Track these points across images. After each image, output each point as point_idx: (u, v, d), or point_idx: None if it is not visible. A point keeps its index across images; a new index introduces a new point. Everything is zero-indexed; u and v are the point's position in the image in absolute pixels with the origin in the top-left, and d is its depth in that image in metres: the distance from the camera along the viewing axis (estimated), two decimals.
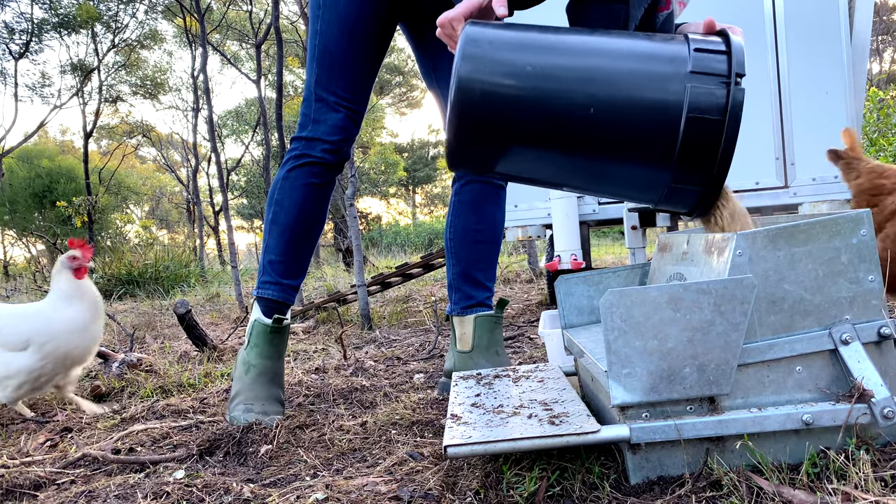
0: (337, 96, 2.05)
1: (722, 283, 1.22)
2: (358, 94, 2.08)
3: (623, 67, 1.21)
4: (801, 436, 1.25)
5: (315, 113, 2.06)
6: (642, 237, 2.20)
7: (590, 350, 1.51)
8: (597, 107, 1.20)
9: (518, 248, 11.86)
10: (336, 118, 2.05)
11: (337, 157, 2.09)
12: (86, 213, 17.95)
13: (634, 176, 1.28)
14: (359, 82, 2.07)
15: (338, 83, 2.05)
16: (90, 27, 20.14)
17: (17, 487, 1.61)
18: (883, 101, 8.25)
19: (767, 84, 3.59)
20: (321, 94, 2.06)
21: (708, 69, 1.20)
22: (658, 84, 1.19)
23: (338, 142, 2.06)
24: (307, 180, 2.07)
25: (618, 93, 1.20)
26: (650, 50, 1.23)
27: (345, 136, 2.07)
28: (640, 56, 1.22)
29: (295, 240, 2.11)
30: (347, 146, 2.12)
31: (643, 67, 1.20)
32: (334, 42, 2.02)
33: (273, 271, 2.13)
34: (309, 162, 2.06)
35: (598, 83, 1.20)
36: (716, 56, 1.23)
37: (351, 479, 1.49)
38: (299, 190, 2.07)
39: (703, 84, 1.19)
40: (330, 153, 2.06)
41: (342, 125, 2.06)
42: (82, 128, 22.78)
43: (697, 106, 1.20)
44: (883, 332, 1.27)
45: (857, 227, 1.28)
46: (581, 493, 1.27)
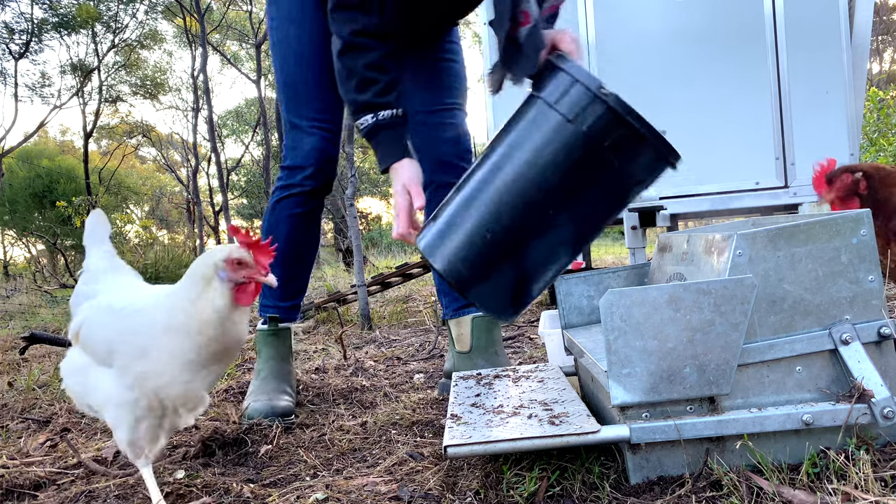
0: (309, 119, 2.14)
1: (722, 283, 1.22)
2: (329, 113, 2.16)
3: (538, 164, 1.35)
4: (801, 436, 1.25)
5: (292, 141, 2.15)
6: (642, 237, 2.20)
7: (590, 350, 1.51)
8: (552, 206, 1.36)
9: None
10: (312, 141, 2.13)
11: (319, 181, 2.16)
12: (86, 213, 17.94)
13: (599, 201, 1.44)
14: (328, 103, 2.15)
15: (308, 107, 2.14)
16: (90, 27, 20.14)
17: (17, 487, 1.61)
18: (883, 102, 8.25)
19: (767, 84, 3.59)
20: (295, 121, 2.15)
21: (576, 106, 1.32)
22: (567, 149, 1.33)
23: (317, 166, 2.13)
24: (291, 211, 2.16)
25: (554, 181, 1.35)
26: (536, 132, 1.38)
27: (324, 158, 2.15)
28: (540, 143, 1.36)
29: (288, 266, 2.20)
30: (329, 167, 2.18)
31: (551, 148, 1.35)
32: (294, 74, 2.13)
33: (271, 296, 2.25)
34: (292, 193, 2.15)
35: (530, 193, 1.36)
36: (570, 91, 1.34)
37: (351, 479, 1.49)
38: (285, 222, 2.16)
39: (588, 117, 1.30)
40: (311, 178, 2.14)
41: (319, 147, 2.13)
42: (82, 128, 22.79)
43: (599, 130, 1.30)
44: (883, 332, 1.27)
45: (858, 227, 1.28)
46: (581, 493, 1.27)
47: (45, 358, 3.67)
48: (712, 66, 3.66)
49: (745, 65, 3.62)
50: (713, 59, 3.66)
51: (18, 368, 3.38)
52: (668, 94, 3.70)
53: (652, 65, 3.74)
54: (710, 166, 3.62)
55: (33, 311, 6.98)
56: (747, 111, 3.62)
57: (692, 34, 3.69)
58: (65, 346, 3.27)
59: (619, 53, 3.77)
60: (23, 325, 5.59)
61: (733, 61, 3.63)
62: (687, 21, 3.71)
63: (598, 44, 3.77)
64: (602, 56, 3.77)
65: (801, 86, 3.56)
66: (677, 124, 3.37)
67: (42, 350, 3.79)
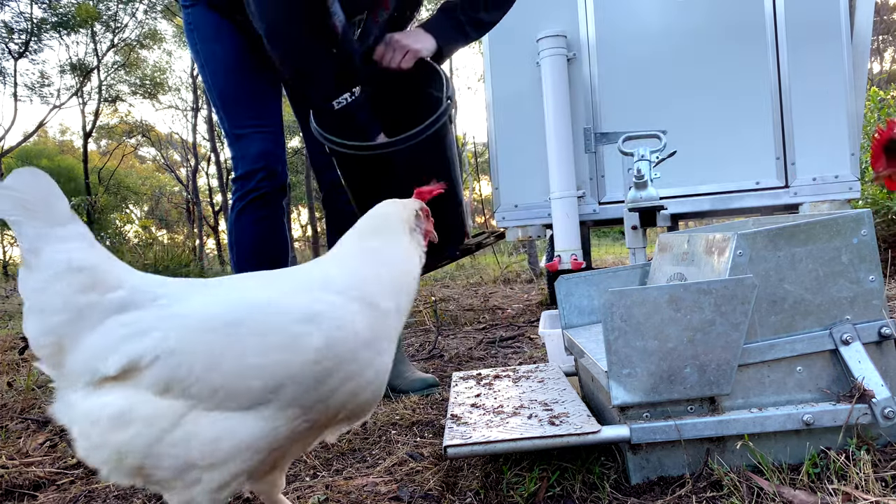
0: (249, 126, 2.23)
1: (722, 282, 1.22)
2: (266, 117, 2.26)
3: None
4: (802, 436, 1.25)
5: (239, 150, 2.23)
6: (643, 237, 2.20)
7: (590, 350, 1.50)
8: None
9: (518, 248, 11.86)
10: (257, 145, 2.21)
11: (273, 182, 2.22)
12: (85, 213, 17.95)
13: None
14: (263, 106, 2.26)
15: (245, 115, 2.24)
16: (89, 27, 20.14)
17: (17, 488, 1.61)
18: (884, 101, 8.25)
19: (768, 84, 3.59)
20: (236, 131, 2.24)
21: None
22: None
23: (267, 166, 2.19)
24: (254, 216, 2.21)
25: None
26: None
27: (273, 158, 2.22)
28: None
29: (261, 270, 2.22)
30: (280, 167, 2.24)
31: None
32: (228, 85, 2.25)
33: None
34: (250, 200, 2.19)
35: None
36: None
37: (351, 480, 1.48)
38: (250, 229, 2.21)
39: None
40: (265, 179, 2.20)
41: (265, 149, 2.21)
42: (82, 127, 22.80)
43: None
44: (883, 332, 1.27)
45: (858, 226, 1.28)
46: (581, 493, 1.27)
47: None
48: (712, 65, 3.66)
49: (745, 65, 3.62)
50: (713, 58, 3.66)
51: (18, 368, 3.38)
52: (669, 93, 3.70)
53: (652, 64, 3.73)
54: (711, 166, 3.62)
55: None
56: (748, 111, 3.62)
57: (692, 34, 3.69)
58: None
59: (619, 53, 3.77)
60: (22, 325, 5.59)
61: (734, 61, 3.63)
62: (687, 21, 3.70)
63: (598, 43, 3.77)
64: (602, 55, 3.77)
65: (801, 85, 3.56)
66: (677, 124, 3.37)
67: None
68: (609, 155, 3.75)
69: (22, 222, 0.94)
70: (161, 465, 0.94)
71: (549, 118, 3.63)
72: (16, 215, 0.94)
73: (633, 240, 2.21)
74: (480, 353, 3.11)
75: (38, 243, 0.95)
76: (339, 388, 0.98)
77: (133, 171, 33.44)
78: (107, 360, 0.94)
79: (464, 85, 40.02)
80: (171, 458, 0.93)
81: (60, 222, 0.97)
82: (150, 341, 0.94)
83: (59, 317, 0.96)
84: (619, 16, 3.77)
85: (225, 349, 0.94)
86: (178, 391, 0.93)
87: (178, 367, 0.93)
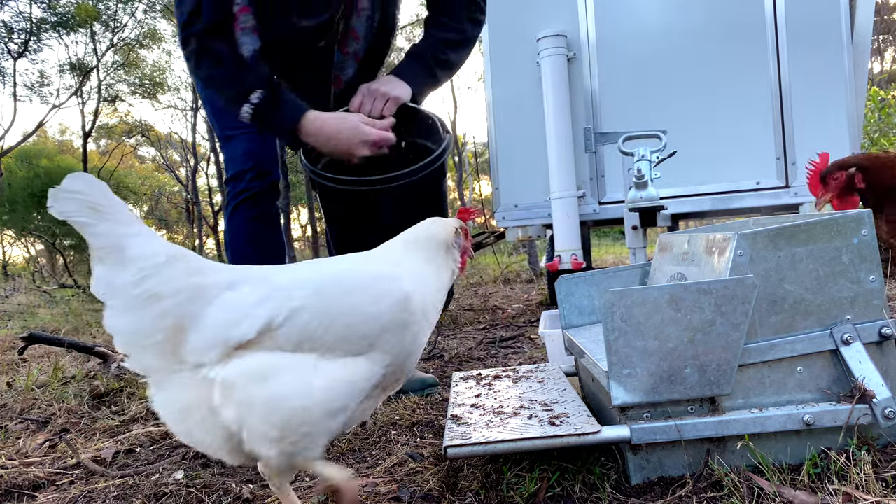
0: (238, 128, 2.23)
1: (723, 282, 1.22)
2: None
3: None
4: (802, 436, 1.24)
5: (229, 152, 2.26)
6: (643, 237, 2.20)
7: (590, 350, 1.50)
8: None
9: (518, 248, 11.86)
10: (245, 145, 2.23)
11: (263, 181, 2.22)
12: None
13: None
14: None
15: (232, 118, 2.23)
16: (89, 26, 20.12)
17: (16, 488, 1.60)
18: (884, 101, 8.25)
19: (768, 84, 3.59)
20: (226, 133, 2.27)
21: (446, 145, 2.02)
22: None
23: (256, 166, 2.21)
24: (246, 215, 2.23)
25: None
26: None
27: (260, 157, 2.23)
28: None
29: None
30: (270, 166, 2.25)
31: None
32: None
33: None
34: (243, 199, 2.21)
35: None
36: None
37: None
38: (244, 228, 2.22)
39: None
40: (256, 179, 2.21)
41: (252, 148, 2.23)
42: (81, 127, 22.78)
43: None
44: (884, 333, 1.27)
45: (859, 226, 1.28)
46: (581, 493, 1.26)
47: (43, 358, 3.66)
48: (713, 65, 3.66)
49: (745, 64, 3.62)
50: (714, 58, 3.66)
51: (17, 369, 3.37)
52: (669, 93, 3.70)
53: (652, 64, 3.73)
54: (711, 166, 3.62)
55: (32, 311, 6.97)
56: (748, 111, 3.62)
57: (692, 34, 3.69)
58: (63, 346, 3.27)
59: (619, 53, 3.77)
60: (21, 325, 5.59)
61: (734, 61, 3.63)
62: (687, 20, 3.70)
63: (598, 43, 3.77)
64: (602, 55, 3.77)
65: (801, 85, 3.56)
66: (678, 124, 3.37)
67: (41, 350, 3.79)
68: (609, 155, 3.75)
69: (92, 223, 0.99)
70: (302, 419, 1.02)
71: (549, 118, 3.63)
72: (84, 217, 0.99)
73: (634, 240, 2.21)
74: (480, 353, 3.11)
75: (119, 240, 1.01)
76: (412, 341, 1.15)
77: (133, 170, 33.42)
78: (240, 325, 1.01)
79: (464, 85, 39.93)
80: (312, 409, 1.02)
81: (130, 221, 1.03)
82: (277, 302, 1.04)
83: (176, 298, 1.02)
84: (619, 15, 3.77)
85: (340, 303, 1.08)
86: (308, 345, 1.04)
87: (307, 322, 1.04)
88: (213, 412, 1.01)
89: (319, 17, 2.02)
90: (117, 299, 1.01)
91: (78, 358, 3.40)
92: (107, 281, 1.01)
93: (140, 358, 1.03)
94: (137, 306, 1.00)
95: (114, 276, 1.00)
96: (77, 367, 3.19)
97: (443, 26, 2.18)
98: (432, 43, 2.16)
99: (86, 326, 4.99)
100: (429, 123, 2.13)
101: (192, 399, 1.01)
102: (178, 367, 1.02)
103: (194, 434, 1.04)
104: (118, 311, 1.01)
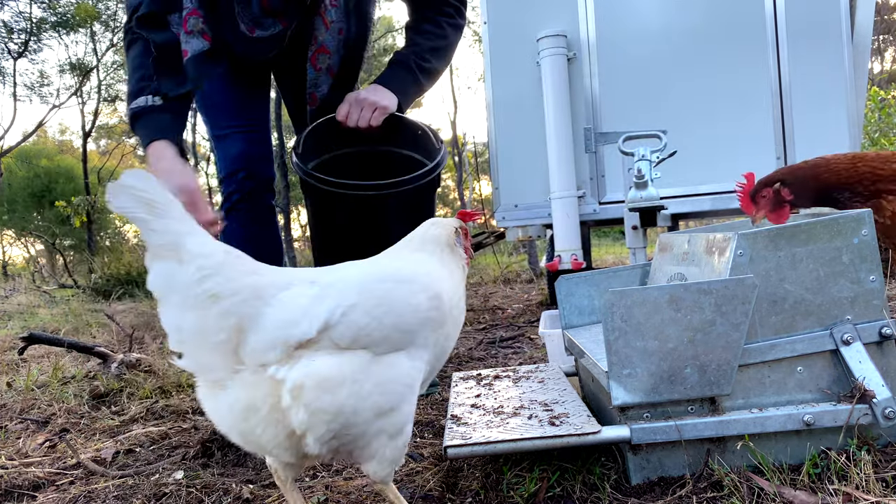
0: (228, 128, 2.26)
1: (723, 282, 1.22)
2: (248, 118, 2.28)
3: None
4: (803, 436, 1.24)
5: (221, 152, 2.25)
6: (643, 237, 2.19)
7: (590, 350, 1.50)
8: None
9: (518, 248, 11.86)
10: (235, 144, 2.23)
11: (256, 181, 2.22)
12: (85, 213, 17.94)
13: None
14: (245, 108, 2.28)
15: (225, 117, 2.27)
16: (89, 26, 20.12)
17: (16, 488, 1.60)
18: (884, 101, 8.25)
19: (768, 83, 3.59)
20: (218, 132, 2.27)
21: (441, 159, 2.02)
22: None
23: (247, 166, 2.20)
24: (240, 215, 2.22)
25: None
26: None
27: (252, 157, 2.23)
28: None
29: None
30: (261, 165, 2.25)
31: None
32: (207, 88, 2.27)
33: None
34: (236, 199, 2.21)
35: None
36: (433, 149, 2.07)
37: (351, 480, 1.48)
38: (238, 228, 2.21)
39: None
40: (247, 179, 2.21)
41: (242, 149, 2.23)
42: (81, 127, 22.78)
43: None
44: (884, 333, 1.27)
45: (859, 227, 1.28)
46: (581, 493, 1.26)
47: (43, 358, 3.66)
48: (713, 65, 3.66)
49: (745, 64, 3.62)
50: (714, 58, 3.66)
51: (17, 369, 3.37)
52: (669, 93, 3.70)
53: (652, 64, 3.73)
54: (711, 166, 3.61)
55: (32, 311, 6.97)
56: (748, 110, 3.62)
57: (692, 34, 3.69)
58: (63, 346, 3.27)
59: (619, 53, 3.76)
60: (21, 325, 5.59)
61: (734, 61, 3.63)
62: (687, 20, 3.70)
63: (598, 43, 3.77)
64: (602, 55, 3.77)
65: (802, 85, 3.56)
66: (678, 124, 3.36)
67: (41, 350, 3.79)
68: (609, 155, 3.75)
69: (149, 219, 0.97)
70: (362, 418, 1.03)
71: (550, 118, 3.63)
72: (140, 212, 0.97)
73: (634, 240, 2.21)
74: (480, 353, 3.11)
75: (177, 238, 0.99)
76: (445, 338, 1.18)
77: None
78: (300, 324, 1.01)
79: (464, 85, 39.81)
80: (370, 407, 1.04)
81: (184, 219, 1.01)
82: (333, 300, 1.05)
83: (238, 297, 1.01)
84: (619, 15, 3.77)
85: (388, 297, 1.10)
86: (362, 341, 1.05)
87: (360, 318, 1.05)
88: (280, 412, 1.00)
89: (271, 28, 2.03)
90: (177, 296, 1.00)
91: (78, 358, 3.40)
92: (166, 278, 0.99)
93: (198, 357, 1.02)
94: (199, 305, 0.99)
95: (173, 273, 0.99)
96: (77, 367, 3.19)
97: (426, 34, 2.17)
98: (416, 51, 2.15)
99: (86, 326, 4.98)
100: (418, 133, 2.12)
101: (258, 399, 1.00)
102: (240, 366, 1.01)
103: (254, 433, 1.02)
104: (178, 308, 1.00)
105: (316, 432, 1.01)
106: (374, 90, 2.06)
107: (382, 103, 2.03)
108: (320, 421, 1.00)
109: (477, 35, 20.49)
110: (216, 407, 1.04)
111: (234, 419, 1.03)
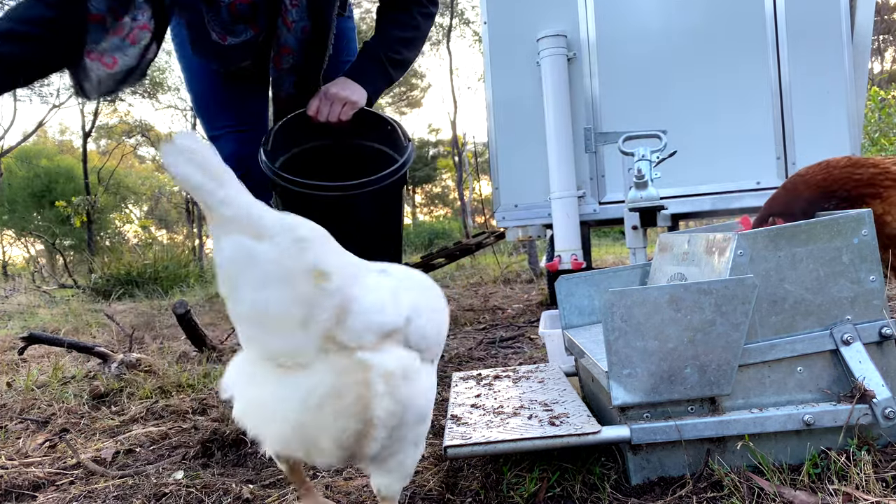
0: (223, 128, 2.29)
1: (723, 282, 1.22)
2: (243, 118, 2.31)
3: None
4: (802, 436, 1.24)
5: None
6: (643, 237, 2.19)
7: (590, 350, 1.50)
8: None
9: (518, 248, 11.86)
10: (228, 146, 2.26)
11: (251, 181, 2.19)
12: (85, 213, 17.94)
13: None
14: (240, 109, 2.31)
15: (219, 117, 2.31)
16: None
17: (16, 488, 1.60)
18: (884, 101, 8.25)
19: (768, 83, 3.59)
20: (212, 133, 2.30)
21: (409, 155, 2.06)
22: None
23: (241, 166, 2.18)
24: None
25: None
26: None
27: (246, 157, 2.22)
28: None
29: None
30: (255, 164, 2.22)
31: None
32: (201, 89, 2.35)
33: None
34: None
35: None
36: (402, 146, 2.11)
37: (351, 480, 1.48)
38: None
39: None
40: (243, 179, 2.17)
41: (237, 149, 2.25)
42: (81, 127, 22.78)
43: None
44: (884, 333, 1.27)
45: (859, 226, 1.28)
46: (581, 493, 1.26)
47: (43, 358, 3.66)
48: (713, 65, 3.66)
49: (745, 64, 3.62)
50: (714, 58, 3.66)
51: (17, 369, 3.37)
52: (669, 93, 3.70)
53: (652, 64, 3.73)
54: (711, 166, 3.62)
55: (32, 311, 6.97)
56: (748, 110, 3.62)
57: (693, 34, 3.69)
58: (63, 346, 3.27)
59: (619, 53, 3.76)
60: (21, 325, 5.59)
61: (734, 61, 3.63)
62: (687, 20, 3.70)
63: (598, 43, 3.77)
64: (602, 55, 3.77)
65: (802, 85, 3.56)
66: (678, 124, 3.37)
67: (41, 350, 3.79)
68: (609, 155, 3.75)
69: (213, 189, 0.83)
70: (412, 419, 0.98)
71: (549, 118, 3.63)
72: (201, 179, 0.83)
73: (634, 240, 2.21)
74: (480, 353, 3.11)
75: (249, 209, 0.86)
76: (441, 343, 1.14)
77: (132, 170, 33.41)
78: (389, 313, 0.97)
79: (464, 85, 39.86)
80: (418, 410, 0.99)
81: (243, 189, 0.88)
82: (411, 296, 1.03)
83: (344, 273, 0.92)
84: (619, 15, 3.77)
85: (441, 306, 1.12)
86: (420, 344, 1.02)
87: (427, 320, 1.03)
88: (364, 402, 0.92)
89: (243, 35, 2.03)
90: (258, 272, 0.86)
91: (78, 358, 3.40)
92: (245, 252, 0.85)
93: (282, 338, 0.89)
94: (295, 280, 0.87)
95: (254, 247, 0.85)
96: (77, 367, 3.19)
97: (396, 23, 2.16)
98: (386, 41, 2.14)
99: (86, 326, 4.98)
100: (388, 129, 2.11)
101: (346, 385, 0.91)
102: (331, 346, 0.91)
103: (324, 423, 0.91)
104: (258, 286, 0.86)
105: (389, 425, 0.94)
106: (343, 84, 2.06)
107: (352, 98, 2.04)
108: (396, 413, 0.94)
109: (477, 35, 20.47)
110: (282, 393, 0.91)
111: (304, 406, 0.91)
